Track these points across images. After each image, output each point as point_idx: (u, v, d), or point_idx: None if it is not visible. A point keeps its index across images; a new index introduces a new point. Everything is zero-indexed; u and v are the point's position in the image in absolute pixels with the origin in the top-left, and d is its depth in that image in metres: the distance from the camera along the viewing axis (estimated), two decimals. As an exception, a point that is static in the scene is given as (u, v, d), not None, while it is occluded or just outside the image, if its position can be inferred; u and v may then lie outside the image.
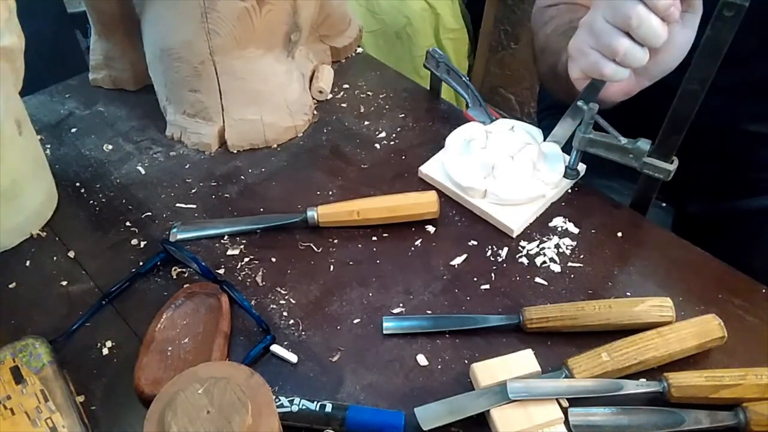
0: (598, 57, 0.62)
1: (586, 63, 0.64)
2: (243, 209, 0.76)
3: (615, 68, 0.62)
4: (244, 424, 0.42)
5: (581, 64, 0.65)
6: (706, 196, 0.92)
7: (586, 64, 0.64)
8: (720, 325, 0.59)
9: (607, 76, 0.63)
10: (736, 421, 0.54)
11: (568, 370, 0.57)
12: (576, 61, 0.66)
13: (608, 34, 0.60)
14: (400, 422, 0.55)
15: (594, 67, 0.63)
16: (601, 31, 0.61)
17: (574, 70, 0.66)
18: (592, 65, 0.63)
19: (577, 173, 0.76)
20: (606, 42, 0.61)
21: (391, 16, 1.76)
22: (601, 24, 0.61)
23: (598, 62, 0.62)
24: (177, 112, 0.85)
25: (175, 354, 0.61)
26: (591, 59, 0.63)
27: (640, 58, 0.61)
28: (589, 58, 0.63)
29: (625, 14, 0.58)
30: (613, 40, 0.60)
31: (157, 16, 0.80)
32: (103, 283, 0.68)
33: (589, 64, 0.63)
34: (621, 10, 0.59)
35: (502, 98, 2.03)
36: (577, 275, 0.68)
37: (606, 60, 0.62)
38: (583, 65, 0.64)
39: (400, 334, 0.63)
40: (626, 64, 0.61)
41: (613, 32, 0.60)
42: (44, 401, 0.55)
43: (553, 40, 0.76)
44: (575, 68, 0.66)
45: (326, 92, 0.91)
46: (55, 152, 0.84)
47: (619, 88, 0.67)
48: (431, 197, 0.72)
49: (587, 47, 0.63)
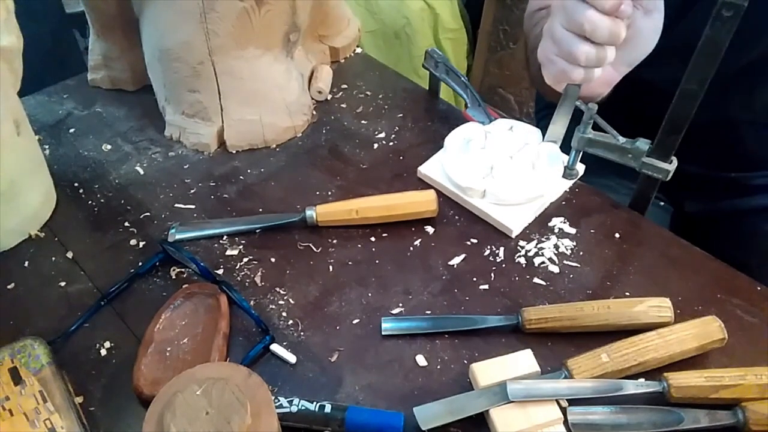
0: (564, 64, 0.62)
1: (555, 70, 0.63)
2: (242, 209, 0.76)
3: (583, 71, 0.62)
4: (244, 424, 0.42)
5: (550, 72, 0.65)
6: (703, 195, 0.92)
7: (555, 72, 0.64)
8: (720, 327, 0.59)
9: (577, 81, 0.62)
10: (735, 421, 0.54)
11: (567, 370, 0.57)
12: (546, 68, 0.65)
13: (567, 41, 0.60)
14: (399, 423, 0.55)
15: (563, 75, 0.63)
16: (561, 39, 0.60)
17: (547, 77, 0.66)
18: (561, 73, 0.63)
19: (575, 173, 0.76)
20: (566, 50, 0.60)
21: (390, 16, 1.76)
22: (560, 32, 0.60)
23: (565, 70, 0.62)
24: (176, 112, 0.85)
25: (174, 354, 0.60)
26: (558, 67, 0.62)
27: (604, 57, 0.60)
28: (556, 66, 0.63)
29: (578, 21, 0.58)
30: (572, 47, 0.60)
31: (156, 17, 0.80)
32: (102, 283, 0.68)
33: (558, 71, 0.63)
34: (574, 18, 0.58)
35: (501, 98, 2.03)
36: (576, 275, 0.68)
37: (572, 66, 0.61)
38: (553, 72, 0.64)
39: (400, 334, 0.63)
40: (592, 66, 0.61)
41: (571, 39, 0.60)
42: (43, 402, 0.55)
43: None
44: (547, 75, 0.66)
45: (325, 92, 0.91)
46: (53, 153, 0.84)
47: (600, 82, 0.67)
48: (430, 196, 0.72)
49: (552, 55, 0.63)
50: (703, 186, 0.91)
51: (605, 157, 0.70)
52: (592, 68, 0.61)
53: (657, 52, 0.64)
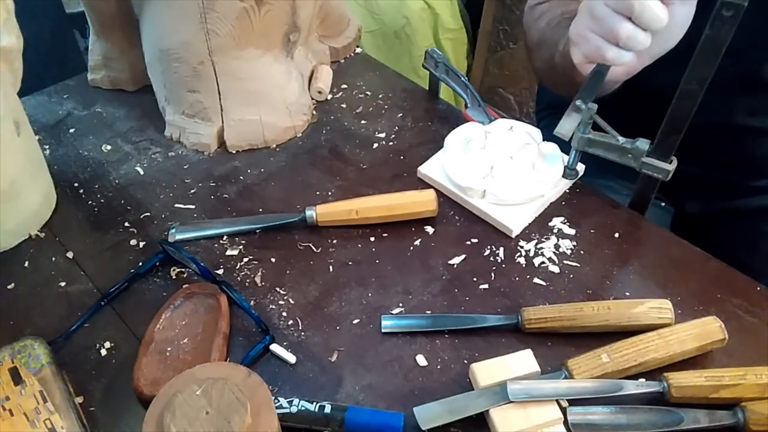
0: (600, 41, 0.62)
1: (588, 48, 0.63)
2: (242, 209, 0.76)
3: (618, 52, 0.61)
4: (244, 423, 0.42)
5: (583, 49, 0.64)
6: (704, 196, 0.92)
7: (588, 49, 0.63)
8: (721, 328, 0.59)
9: (609, 60, 0.62)
10: (735, 420, 0.54)
11: (567, 370, 0.57)
12: (578, 45, 0.65)
13: (610, 18, 0.60)
14: (399, 423, 0.55)
15: (597, 52, 0.62)
16: (603, 16, 0.60)
17: (577, 55, 0.66)
18: (595, 50, 0.62)
19: (576, 173, 0.76)
20: (608, 27, 0.60)
21: (390, 16, 1.76)
22: (602, 9, 0.60)
23: (600, 47, 0.62)
24: (176, 112, 0.85)
25: (174, 354, 0.60)
26: (593, 44, 0.62)
27: (643, 41, 0.60)
28: (591, 43, 0.62)
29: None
30: (614, 24, 0.59)
31: (156, 17, 0.80)
32: (102, 283, 0.68)
33: (591, 48, 0.63)
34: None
35: (500, 98, 2.03)
36: (576, 275, 0.68)
37: (608, 44, 0.61)
38: (585, 50, 0.64)
39: (400, 334, 0.63)
40: (629, 48, 0.61)
41: (614, 17, 0.59)
42: (43, 402, 0.55)
43: (548, 32, 0.76)
44: (577, 53, 0.66)
45: (325, 92, 0.91)
46: (53, 153, 0.84)
47: (622, 69, 0.66)
48: (430, 195, 0.72)
49: (588, 32, 0.62)
50: (706, 187, 0.90)
51: (605, 157, 0.70)
52: (627, 51, 0.61)
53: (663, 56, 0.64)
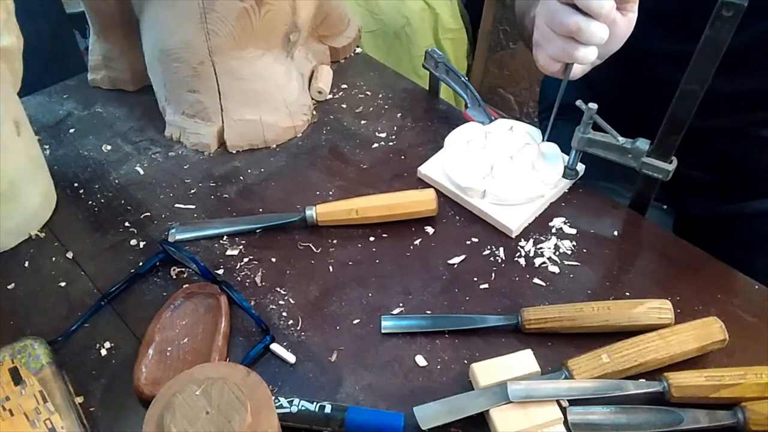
0: (564, 41, 0.63)
1: (554, 49, 0.64)
2: (242, 209, 0.76)
3: (585, 50, 0.63)
4: (245, 422, 0.42)
5: (549, 51, 0.66)
6: (708, 199, 0.92)
7: (555, 50, 0.65)
8: (721, 328, 0.59)
9: (579, 59, 0.63)
10: (735, 420, 0.54)
11: (567, 371, 0.57)
12: (542, 47, 0.66)
13: (561, 11, 0.61)
14: (400, 423, 0.55)
15: (564, 52, 0.64)
16: (555, 9, 0.62)
17: (542, 57, 0.67)
18: (561, 50, 0.64)
19: (576, 173, 0.76)
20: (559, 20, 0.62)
21: (390, 16, 1.76)
22: (554, 4, 0.62)
23: (565, 47, 0.63)
24: (176, 112, 0.85)
25: (174, 354, 0.60)
26: (558, 45, 0.64)
27: (597, 31, 0.61)
28: (556, 44, 0.64)
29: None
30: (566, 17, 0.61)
31: (156, 17, 0.80)
32: (102, 283, 0.68)
33: (558, 49, 0.64)
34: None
35: (501, 98, 2.04)
36: (576, 275, 0.68)
37: (574, 43, 0.63)
38: (552, 51, 0.65)
39: (400, 334, 0.63)
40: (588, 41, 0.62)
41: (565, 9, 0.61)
42: (43, 402, 0.55)
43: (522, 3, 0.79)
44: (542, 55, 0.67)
45: (325, 92, 0.91)
46: (53, 153, 0.84)
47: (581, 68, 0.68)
48: (429, 195, 0.72)
49: (549, 32, 0.64)
50: (710, 190, 0.90)
51: (605, 157, 0.70)
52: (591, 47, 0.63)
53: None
